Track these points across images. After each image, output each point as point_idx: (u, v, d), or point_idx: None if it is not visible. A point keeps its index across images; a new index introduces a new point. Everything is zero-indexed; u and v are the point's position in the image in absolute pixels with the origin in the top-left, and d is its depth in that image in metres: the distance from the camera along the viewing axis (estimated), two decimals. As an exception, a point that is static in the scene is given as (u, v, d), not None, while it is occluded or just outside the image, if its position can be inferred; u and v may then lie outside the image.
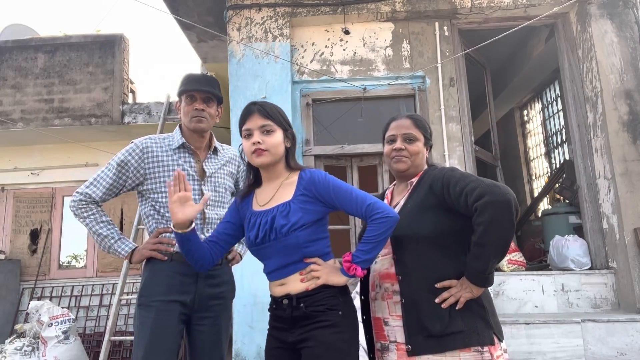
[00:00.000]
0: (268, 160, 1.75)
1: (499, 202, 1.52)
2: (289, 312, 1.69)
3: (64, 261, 6.86)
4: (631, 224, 4.12)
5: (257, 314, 4.07)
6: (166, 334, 2.00)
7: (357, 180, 4.77)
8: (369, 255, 1.66)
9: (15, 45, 6.62)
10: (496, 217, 1.52)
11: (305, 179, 1.74)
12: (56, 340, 4.95)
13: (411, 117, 1.91)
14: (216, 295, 2.15)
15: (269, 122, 1.75)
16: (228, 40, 4.79)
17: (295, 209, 1.69)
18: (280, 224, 1.68)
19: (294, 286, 1.70)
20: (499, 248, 1.57)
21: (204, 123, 2.19)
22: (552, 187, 6.30)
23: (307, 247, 1.70)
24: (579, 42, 4.74)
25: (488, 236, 1.54)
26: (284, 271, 1.72)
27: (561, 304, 4.24)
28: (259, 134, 1.74)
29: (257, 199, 1.83)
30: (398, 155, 1.84)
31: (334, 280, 1.68)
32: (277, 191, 1.77)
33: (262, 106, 1.78)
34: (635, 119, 4.35)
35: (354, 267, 1.66)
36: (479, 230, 1.55)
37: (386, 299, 1.74)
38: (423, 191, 1.74)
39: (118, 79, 6.38)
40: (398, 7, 4.79)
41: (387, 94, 4.80)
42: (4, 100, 6.35)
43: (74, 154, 6.55)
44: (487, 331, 1.59)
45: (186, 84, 2.22)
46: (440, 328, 1.57)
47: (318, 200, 1.71)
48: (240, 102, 4.59)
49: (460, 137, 4.62)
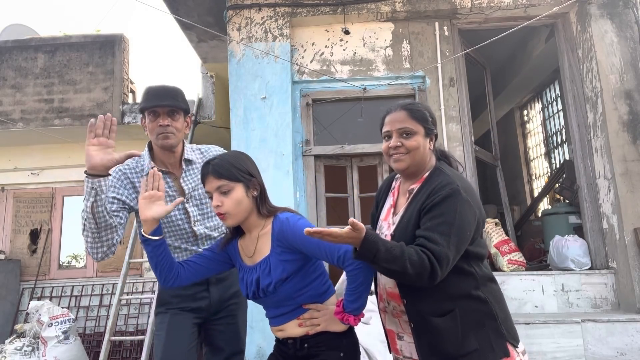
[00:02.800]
0: (232, 222, 1.70)
1: (417, 276, 1.42)
2: (293, 351, 1.73)
3: (64, 261, 6.86)
4: (631, 224, 4.12)
5: (257, 314, 4.06)
6: (180, 335, 2.03)
7: (357, 180, 4.77)
8: (357, 303, 1.65)
9: (15, 45, 6.61)
10: (411, 279, 1.44)
11: (276, 231, 1.69)
12: (56, 340, 4.95)
13: (406, 108, 1.68)
14: (230, 295, 2.17)
15: (223, 182, 1.67)
16: (228, 40, 4.79)
17: (275, 263, 1.67)
18: (265, 284, 1.68)
19: (293, 331, 1.72)
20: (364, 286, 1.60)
21: (172, 139, 2.07)
22: (552, 187, 6.30)
23: (299, 296, 1.70)
24: (579, 42, 4.74)
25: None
26: (282, 319, 1.74)
27: (561, 304, 4.24)
28: (218, 195, 1.68)
29: (243, 249, 1.80)
30: (395, 154, 1.66)
31: (333, 328, 1.69)
32: (257, 244, 1.74)
33: (214, 166, 1.69)
34: (635, 119, 4.35)
35: (346, 317, 1.66)
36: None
37: (396, 317, 1.67)
38: (418, 206, 1.57)
39: (118, 79, 6.38)
40: (398, 7, 4.79)
41: (387, 94, 4.80)
42: (4, 100, 6.35)
43: (74, 154, 6.55)
44: (501, 343, 1.53)
45: (147, 100, 2.08)
46: (453, 350, 1.49)
47: (293, 249, 1.66)
48: (240, 102, 4.59)
49: (460, 137, 4.62)
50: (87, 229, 1.93)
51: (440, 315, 1.52)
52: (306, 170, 4.64)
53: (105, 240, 1.95)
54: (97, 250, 1.96)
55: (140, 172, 2.10)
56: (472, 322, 1.51)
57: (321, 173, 4.74)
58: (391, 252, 1.39)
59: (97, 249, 1.96)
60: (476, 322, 1.52)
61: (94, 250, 1.96)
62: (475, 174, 4.69)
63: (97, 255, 1.97)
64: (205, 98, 6.64)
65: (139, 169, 2.12)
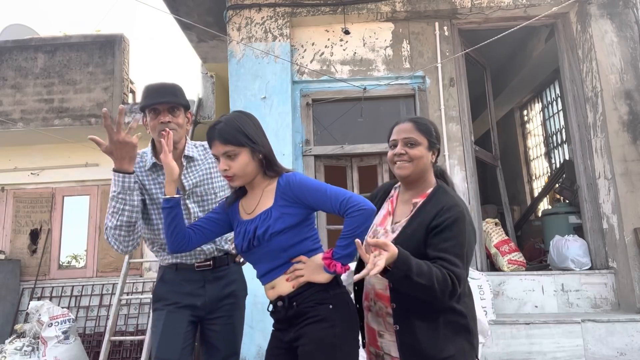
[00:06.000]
0: (239, 183, 1.78)
1: (441, 293, 1.52)
2: (284, 313, 1.73)
3: (64, 261, 6.85)
4: (631, 224, 4.12)
5: (256, 314, 4.06)
6: (176, 333, 2.04)
7: (357, 180, 4.77)
8: (347, 250, 1.68)
9: (15, 45, 6.61)
10: (432, 290, 1.51)
11: (282, 185, 1.75)
12: (56, 340, 4.95)
13: (413, 121, 1.83)
14: (226, 294, 2.16)
15: (229, 148, 1.72)
16: (228, 40, 4.79)
17: (276, 215, 1.72)
18: (261, 232, 1.71)
19: (282, 288, 1.73)
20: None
21: (174, 135, 2.08)
22: (552, 187, 6.30)
23: (291, 249, 1.73)
24: (579, 42, 4.74)
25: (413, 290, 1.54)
26: (273, 274, 1.76)
27: (561, 304, 4.24)
28: (224, 160, 1.73)
29: (244, 207, 1.85)
30: (399, 161, 1.78)
31: (316, 278, 1.70)
32: (260, 200, 1.79)
33: (220, 131, 1.73)
34: (635, 119, 4.35)
35: (333, 263, 1.68)
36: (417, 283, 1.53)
37: (381, 316, 1.74)
38: (425, 222, 1.66)
39: (118, 79, 6.38)
40: (398, 7, 4.79)
41: (387, 94, 4.80)
42: (4, 100, 6.35)
43: (74, 154, 6.54)
44: (472, 354, 1.67)
45: (147, 98, 2.11)
46: (434, 352, 1.61)
47: (296, 203, 1.73)
48: (241, 102, 4.59)
49: (460, 137, 4.62)
50: (122, 224, 1.96)
51: (426, 321, 1.63)
52: (306, 170, 4.64)
53: (135, 232, 2.03)
54: (128, 244, 2.01)
55: (143, 167, 2.14)
56: (451, 332, 1.64)
57: (321, 173, 4.74)
58: (421, 267, 1.50)
59: (128, 242, 2.01)
60: (454, 332, 1.64)
61: (126, 243, 2.00)
62: (475, 174, 4.69)
63: (127, 248, 2.03)
64: (205, 98, 6.64)
65: (142, 164, 2.15)
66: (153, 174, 2.13)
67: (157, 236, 2.13)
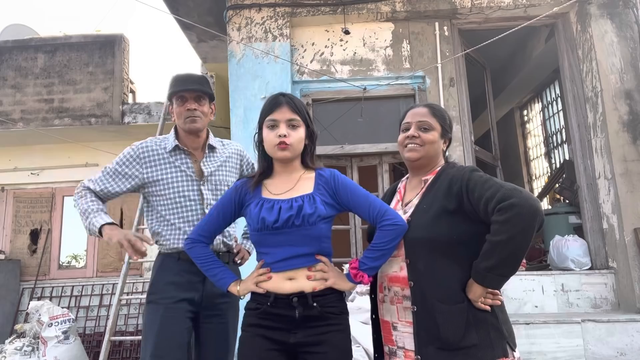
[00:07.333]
0: (290, 155, 1.71)
1: (524, 206, 1.42)
2: (300, 311, 1.60)
3: (64, 261, 6.86)
4: (631, 224, 4.12)
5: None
6: (174, 331, 2.02)
7: (357, 180, 4.77)
8: (376, 262, 1.64)
9: (15, 45, 6.62)
10: (517, 220, 1.42)
11: (325, 176, 1.73)
12: (56, 340, 4.95)
13: (429, 106, 1.80)
14: (223, 293, 2.15)
15: (296, 117, 1.71)
16: (228, 40, 4.79)
17: (319, 201, 1.67)
18: (308, 212, 1.63)
19: (304, 283, 1.63)
20: (509, 250, 1.45)
21: (198, 122, 2.17)
22: (552, 187, 6.30)
23: (325, 241, 1.69)
24: (579, 42, 4.74)
25: (501, 235, 1.44)
26: (295, 261, 1.64)
27: (561, 304, 4.24)
28: (285, 127, 1.70)
29: (268, 189, 1.75)
30: (410, 143, 1.72)
31: (341, 285, 1.66)
32: (297, 183, 1.73)
33: (291, 99, 1.74)
34: (635, 119, 4.35)
35: (360, 274, 1.63)
36: (493, 228, 1.46)
37: (395, 303, 1.65)
38: (441, 192, 1.62)
39: (118, 79, 6.38)
40: (398, 7, 4.79)
41: (387, 94, 4.80)
42: (4, 100, 6.35)
43: (74, 154, 6.55)
44: (500, 342, 1.52)
45: (175, 85, 2.19)
46: (454, 340, 1.49)
47: (333, 199, 1.70)
48: (240, 102, 4.59)
49: (460, 137, 4.62)
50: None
51: (448, 303, 1.53)
52: (306, 170, 4.64)
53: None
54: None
55: (164, 149, 2.19)
56: (476, 318, 1.52)
57: (321, 173, 4.73)
58: (488, 254, 1.48)
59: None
60: (479, 319, 1.53)
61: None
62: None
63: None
64: (205, 98, 6.63)
65: (163, 146, 2.21)
66: (171, 157, 2.19)
67: (165, 227, 2.15)
